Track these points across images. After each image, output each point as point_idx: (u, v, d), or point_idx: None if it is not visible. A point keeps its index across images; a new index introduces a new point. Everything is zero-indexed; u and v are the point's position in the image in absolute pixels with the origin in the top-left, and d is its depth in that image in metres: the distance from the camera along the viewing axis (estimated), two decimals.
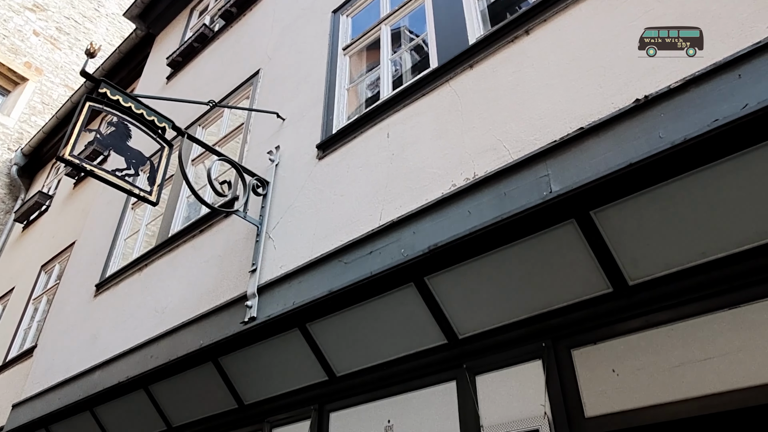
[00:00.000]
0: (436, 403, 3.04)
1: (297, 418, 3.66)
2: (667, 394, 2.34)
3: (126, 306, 5.32)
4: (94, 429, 5.03)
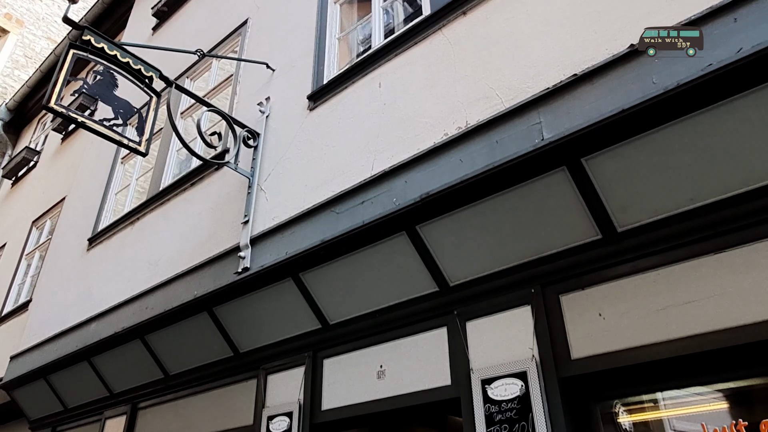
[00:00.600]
0: (427, 348, 3.12)
1: (291, 365, 3.75)
2: (651, 336, 2.41)
3: (119, 259, 5.35)
4: (92, 378, 5.13)
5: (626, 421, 2.64)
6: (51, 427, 5.76)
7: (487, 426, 2.65)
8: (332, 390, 3.47)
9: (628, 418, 2.65)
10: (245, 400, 3.94)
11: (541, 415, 2.51)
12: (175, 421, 4.42)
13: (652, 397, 2.61)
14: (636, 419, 2.66)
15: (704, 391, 2.47)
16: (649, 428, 2.68)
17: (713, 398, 2.48)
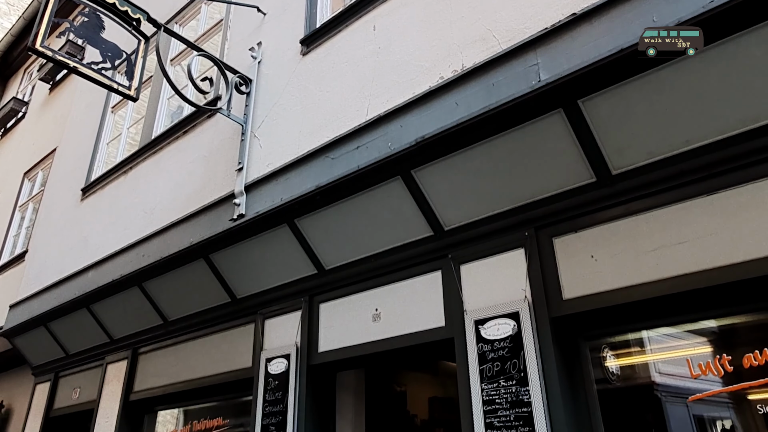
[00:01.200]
0: (422, 291, 3.17)
1: (288, 309, 3.81)
2: (641, 276, 2.45)
3: (114, 208, 5.34)
4: (92, 325, 5.21)
5: (614, 364, 2.72)
6: (53, 372, 5.89)
7: (480, 364, 2.73)
8: (328, 333, 3.55)
9: (615, 362, 2.73)
10: (244, 344, 4.03)
11: (532, 353, 2.59)
12: (176, 365, 4.52)
13: (639, 336, 2.68)
14: (623, 363, 2.74)
15: (690, 329, 2.54)
16: (635, 371, 2.77)
17: (698, 336, 2.55)
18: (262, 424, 3.56)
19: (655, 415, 2.59)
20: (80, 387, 5.45)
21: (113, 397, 4.87)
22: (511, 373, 2.61)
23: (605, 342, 2.75)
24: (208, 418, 4.35)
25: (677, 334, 2.59)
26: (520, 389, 2.56)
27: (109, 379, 5.04)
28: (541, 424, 2.44)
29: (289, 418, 3.43)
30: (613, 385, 2.69)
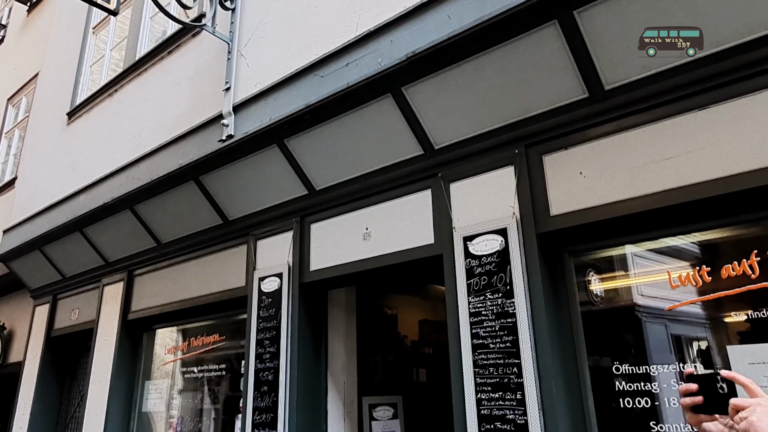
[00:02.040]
0: (411, 209, 3.20)
1: (280, 230, 3.85)
2: (629, 191, 2.47)
3: (101, 132, 5.27)
4: (86, 248, 5.26)
5: (598, 288, 2.78)
6: (52, 295, 6.00)
7: (467, 278, 2.80)
8: (319, 252, 3.61)
9: (599, 285, 2.78)
10: (237, 264, 4.09)
11: (519, 267, 2.65)
12: (171, 286, 4.61)
13: (623, 255, 2.72)
14: (607, 286, 2.80)
15: (671, 245, 2.59)
16: (617, 293, 2.83)
17: (679, 252, 2.60)
18: (257, 339, 3.68)
19: (635, 334, 2.68)
20: (79, 308, 5.58)
21: (112, 316, 5.00)
22: (498, 287, 2.69)
23: (590, 259, 2.80)
24: (205, 335, 4.50)
25: (659, 253, 2.61)
26: (505, 301, 2.64)
27: (107, 300, 5.15)
28: (524, 332, 2.54)
29: (283, 333, 3.54)
30: (597, 306, 2.76)
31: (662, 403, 2.37)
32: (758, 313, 2.24)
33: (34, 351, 5.97)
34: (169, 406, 4.71)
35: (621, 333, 2.71)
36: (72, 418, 5.63)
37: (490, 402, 2.56)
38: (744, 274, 2.27)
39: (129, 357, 4.86)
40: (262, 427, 3.44)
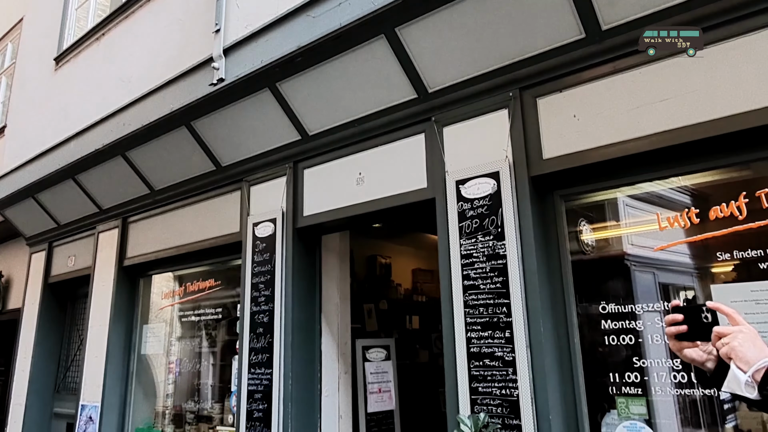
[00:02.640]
0: (404, 154, 3.19)
1: (273, 176, 3.84)
2: (622, 134, 2.47)
3: (90, 77, 5.16)
4: (80, 195, 5.25)
5: (589, 237, 2.80)
6: (47, 242, 6.03)
7: (459, 221, 2.83)
8: (313, 197, 3.61)
9: (590, 235, 2.81)
10: (230, 210, 4.11)
11: (510, 210, 2.67)
12: (165, 232, 4.63)
13: (614, 201, 2.73)
14: (597, 236, 2.82)
15: (661, 188, 2.60)
16: (608, 242, 2.86)
17: (668, 195, 2.62)
18: (252, 283, 3.73)
19: (623, 282, 2.73)
20: (75, 255, 5.62)
21: (107, 263, 5.04)
22: (489, 229, 2.72)
23: (582, 204, 2.82)
24: (201, 281, 4.56)
25: (650, 203, 2.62)
26: (496, 243, 2.67)
27: (102, 246, 5.18)
28: (514, 273, 2.58)
29: (277, 277, 3.59)
30: (588, 255, 2.80)
31: (645, 340, 2.45)
32: (743, 253, 2.28)
33: (32, 297, 6.05)
34: (167, 349, 4.82)
35: (610, 279, 2.75)
36: (73, 361, 5.77)
37: (479, 340, 2.63)
38: (732, 215, 2.30)
39: (126, 302, 4.93)
40: (259, 367, 3.53)
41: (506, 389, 2.51)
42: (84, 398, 4.85)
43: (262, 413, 3.44)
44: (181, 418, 4.55)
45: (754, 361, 1.26)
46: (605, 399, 2.52)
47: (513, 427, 2.45)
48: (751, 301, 2.20)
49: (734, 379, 1.29)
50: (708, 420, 2.40)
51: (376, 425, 4.09)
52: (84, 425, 4.72)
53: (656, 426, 2.39)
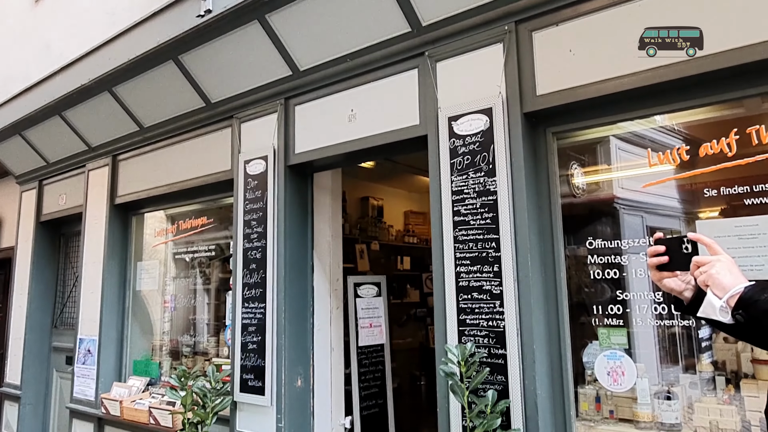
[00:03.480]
0: (397, 90, 3.15)
1: (264, 112, 3.79)
2: (618, 69, 2.43)
3: (73, 9, 4.99)
4: (68, 133, 5.17)
5: (580, 181, 2.81)
6: (37, 180, 5.98)
7: (450, 158, 2.83)
8: (304, 134, 3.58)
9: (581, 178, 2.82)
10: (221, 148, 4.07)
11: (502, 147, 2.67)
12: (156, 170, 4.60)
13: (607, 134, 2.73)
14: (588, 180, 2.83)
15: (654, 127, 2.61)
16: (598, 185, 2.88)
17: (660, 134, 2.62)
18: (244, 220, 3.75)
19: (612, 224, 2.77)
20: (66, 193, 5.59)
21: (99, 201, 5.03)
22: (480, 166, 2.72)
23: (574, 142, 2.81)
24: (193, 218, 4.58)
25: (641, 147, 2.61)
26: (487, 180, 2.69)
27: (93, 185, 5.15)
28: (504, 209, 2.61)
29: (269, 214, 3.61)
30: (578, 198, 2.82)
31: (629, 273, 2.51)
32: (730, 190, 2.31)
33: (25, 235, 6.06)
34: (161, 285, 4.89)
35: (599, 220, 2.79)
36: (69, 297, 5.85)
37: (468, 274, 2.69)
38: (721, 152, 2.32)
39: (120, 239, 4.95)
40: (252, 301, 3.61)
41: (493, 321, 2.59)
42: (82, 332, 4.95)
43: (257, 345, 3.54)
44: (177, 352, 4.69)
45: (729, 288, 1.31)
46: (588, 331, 2.62)
47: (498, 356, 2.55)
48: (734, 236, 2.25)
49: (709, 304, 1.35)
50: (684, 352, 2.51)
51: (367, 358, 4.23)
52: (83, 357, 4.85)
53: (635, 355, 2.49)
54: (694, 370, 2.47)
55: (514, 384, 2.49)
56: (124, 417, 4.21)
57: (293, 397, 3.48)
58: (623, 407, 2.51)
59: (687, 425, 2.37)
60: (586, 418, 2.55)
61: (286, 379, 3.44)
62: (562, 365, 2.54)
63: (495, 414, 2.37)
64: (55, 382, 5.79)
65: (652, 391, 2.44)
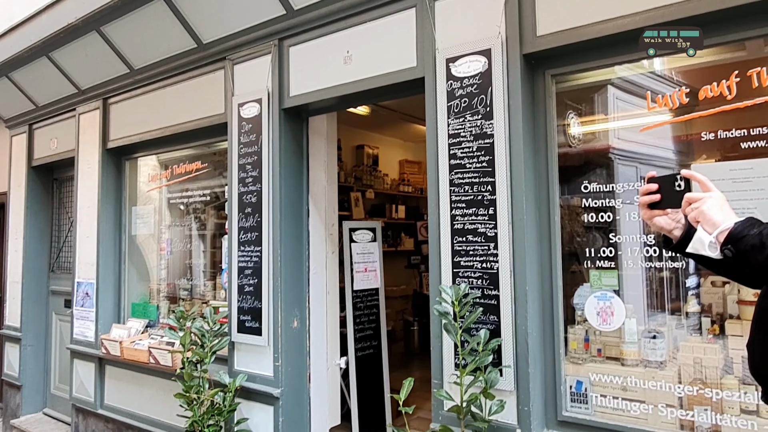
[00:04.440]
0: (394, 31, 3.07)
1: (257, 54, 3.70)
2: (621, 9, 2.38)
3: None
4: (56, 75, 5.05)
5: (576, 130, 2.78)
6: (27, 124, 5.88)
7: (448, 100, 2.79)
8: (299, 77, 3.52)
9: (578, 128, 2.79)
10: (214, 90, 4.00)
11: (500, 89, 2.63)
12: (148, 114, 4.53)
13: (607, 78, 2.69)
14: (585, 129, 2.80)
15: (654, 71, 2.57)
16: (594, 135, 2.85)
17: (661, 77, 2.59)
18: (239, 164, 3.73)
19: (607, 175, 2.76)
20: (57, 137, 5.51)
21: (91, 145, 4.97)
22: (478, 108, 2.69)
23: (573, 86, 2.77)
24: (187, 163, 4.54)
25: (639, 96, 2.57)
26: (484, 123, 2.67)
27: (84, 129, 5.08)
28: (500, 153, 2.60)
29: (264, 158, 3.59)
30: (573, 148, 2.79)
31: (622, 217, 2.54)
32: (727, 133, 2.31)
33: (17, 180, 6.01)
34: (157, 230, 4.90)
35: (594, 166, 2.78)
36: (65, 242, 5.87)
37: (463, 217, 2.71)
38: (721, 95, 2.30)
39: (113, 184, 4.92)
40: (248, 245, 3.64)
41: (487, 263, 2.63)
42: (79, 276, 4.99)
43: (253, 287, 3.59)
44: (174, 296, 4.75)
45: (719, 224, 1.32)
46: (579, 276, 2.67)
47: (491, 297, 2.60)
48: (728, 180, 2.26)
49: (699, 240, 1.36)
50: (672, 295, 2.57)
51: (362, 301, 4.31)
52: (81, 300, 4.91)
53: (624, 297, 2.55)
54: (681, 313, 2.53)
55: (506, 323, 2.55)
56: (125, 357, 4.31)
57: (290, 337, 3.56)
58: (611, 346, 2.59)
59: (671, 363, 2.46)
60: (574, 357, 2.63)
61: (283, 320, 3.51)
62: (553, 306, 2.61)
63: (487, 351, 2.44)
64: (55, 325, 5.88)
65: (639, 330, 2.52)
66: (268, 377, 3.51)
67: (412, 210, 8.22)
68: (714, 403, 2.28)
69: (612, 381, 2.51)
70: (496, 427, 2.51)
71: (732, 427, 2.22)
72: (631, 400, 2.46)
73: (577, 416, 2.54)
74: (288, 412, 3.50)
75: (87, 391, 4.85)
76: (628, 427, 2.40)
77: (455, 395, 2.48)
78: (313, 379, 3.72)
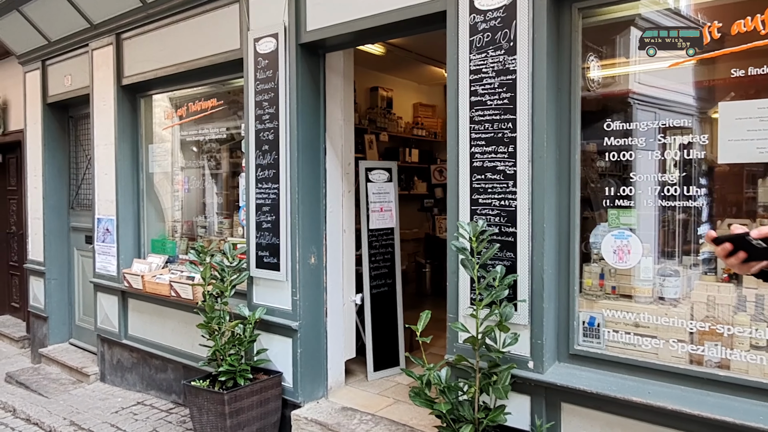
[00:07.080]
0: None
1: None
2: None
3: None
4: (67, 8, 4.96)
5: (597, 74, 2.70)
6: (40, 61, 5.84)
7: (470, 35, 2.73)
8: (316, 11, 3.43)
9: (598, 72, 2.71)
10: (229, 25, 3.92)
11: (525, 23, 2.56)
12: (163, 50, 4.47)
13: (634, 12, 2.60)
14: (605, 73, 2.72)
15: (685, 7, 2.48)
16: (614, 80, 2.77)
17: (689, 15, 2.50)
18: (256, 101, 3.71)
19: (625, 116, 2.70)
20: (71, 74, 5.48)
21: (106, 81, 4.94)
22: (501, 43, 2.63)
23: (598, 21, 2.69)
24: (203, 100, 4.52)
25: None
26: (507, 58, 2.61)
27: (98, 65, 5.04)
28: (523, 89, 2.57)
29: (281, 94, 3.56)
30: (593, 92, 2.72)
31: (643, 156, 2.52)
32: (758, 70, 2.25)
33: (33, 118, 6.03)
34: (173, 168, 4.94)
35: (612, 114, 2.72)
36: (83, 179, 5.94)
37: (483, 155, 2.70)
38: (754, 30, 2.23)
39: (129, 121, 4.93)
40: (265, 182, 3.67)
41: (505, 200, 2.64)
42: (99, 212, 5.09)
43: (271, 224, 3.65)
44: (192, 232, 4.84)
45: None
46: (599, 215, 2.67)
47: (509, 234, 2.63)
48: (755, 118, 2.22)
49: None
50: (689, 236, 2.57)
51: (377, 240, 4.37)
52: (102, 236, 5.02)
53: (640, 236, 2.56)
54: (697, 253, 2.55)
55: (522, 260, 2.59)
56: (147, 290, 4.45)
57: (307, 273, 3.64)
58: (625, 285, 2.63)
59: (685, 300, 2.50)
60: (589, 294, 2.68)
61: (300, 256, 3.58)
62: (570, 244, 2.63)
63: (503, 286, 2.49)
64: (77, 260, 6.04)
65: (654, 269, 2.55)
66: (286, 311, 3.62)
67: (426, 154, 8.16)
68: (725, 338, 2.34)
69: (625, 317, 2.57)
70: (509, 359, 2.59)
71: (741, 361, 2.28)
72: (642, 335, 2.52)
73: (589, 350, 2.61)
74: (306, 343, 3.63)
75: (111, 323, 5.04)
76: (639, 360, 2.47)
77: (471, 327, 2.56)
78: (330, 314, 3.82)
